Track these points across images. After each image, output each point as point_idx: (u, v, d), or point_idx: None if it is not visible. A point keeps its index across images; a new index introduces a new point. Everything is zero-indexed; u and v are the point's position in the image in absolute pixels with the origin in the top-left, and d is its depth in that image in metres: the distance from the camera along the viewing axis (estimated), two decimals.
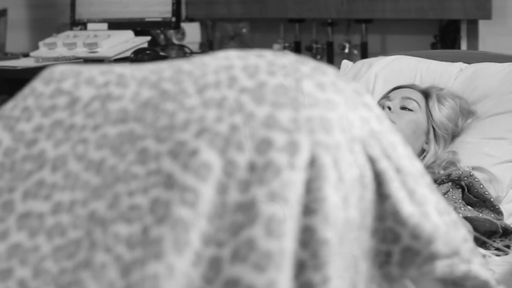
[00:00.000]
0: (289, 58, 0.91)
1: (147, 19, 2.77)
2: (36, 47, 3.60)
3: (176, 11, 2.74)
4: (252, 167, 0.79)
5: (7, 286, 0.82)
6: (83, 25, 2.89)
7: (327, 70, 0.91)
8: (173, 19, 2.73)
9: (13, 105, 0.96)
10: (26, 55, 2.96)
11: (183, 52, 2.81)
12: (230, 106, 0.83)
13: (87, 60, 2.56)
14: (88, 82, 0.94)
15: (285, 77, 0.87)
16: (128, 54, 2.58)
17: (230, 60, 0.90)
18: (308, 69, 0.89)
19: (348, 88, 0.90)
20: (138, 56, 2.49)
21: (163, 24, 2.76)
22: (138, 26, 2.76)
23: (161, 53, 2.57)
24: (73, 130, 0.90)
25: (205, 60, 0.91)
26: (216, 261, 0.77)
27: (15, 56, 2.95)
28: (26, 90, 0.98)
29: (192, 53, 2.88)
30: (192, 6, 3.43)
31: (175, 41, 3.11)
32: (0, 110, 0.97)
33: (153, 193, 0.80)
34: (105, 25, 2.81)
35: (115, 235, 0.79)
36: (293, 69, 0.88)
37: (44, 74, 0.98)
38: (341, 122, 0.85)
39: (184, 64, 0.91)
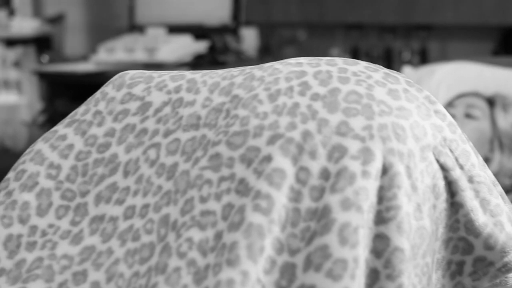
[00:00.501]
0: (360, 65, 0.91)
1: (205, 24, 2.78)
2: (93, 50, 3.65)
3: (235, 16, 2.74)
4: (325, 174, 0.79)
5: None
6: (141, 29, 2.91)
7: (399, 77, 0.90)
8: (232, 24, 2.74)
9: (85, 110, 0.97)
10: (84, 57, 3.00)
11: (240, 57, 2.82)
12: (303, 113, 0.83)
13: (147, 65, 2.58)
14: (159, 87, 0.94)
15: (357, 84, 0.86)
16: (187, 59, 2.59)
17: (302, 66, 0.89)
18: (380, 76, 0.89)
19: (420, 96, 0.89)
20: (197, 61, 2.50)
21: (222, 29, 2.77)
22: (197, 31, 2.77)
23: (220, 59, 2.58)
24: (145, 135, 0.91)
25: (276, 67, 0.91)
26: (289, 269, 0.76)
27: (73, 60, 2.98)
28: (97, 94, 0.99)
29: (249, 58, 2.88)
30: (250, 11, 3.44)
31: (232, 46, 3.12)
32: (72, 114, 0.99)
33: (226, 199, 0.80)
34: (163, 30, 2.83)
35: (188, 240, 0.79)
36: (365, 76, 0.88)
37: (115, 79, 0.99)
38: (414, 130, 0.84)
39: (255, 71, 0.91)
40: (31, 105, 3.19)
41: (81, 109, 0.98)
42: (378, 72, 0.90)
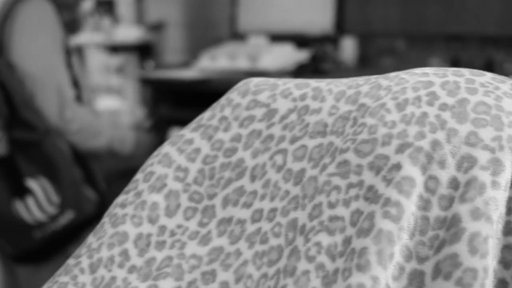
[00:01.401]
0: (487, 76, 0.91)
1: (307, 33, 2.80)
2: (194, 58, 3.72)
3: (337, 26, 2.75)
4: (454, 184, 0.80)
5: None
6: (243, 37, 2.95)
7: None
8: (334, 34, 2.75)
9: (211, 115, 1.00)
10: (185, 64, 3.06)
11: (339, 67, 2.83)
12: (431, 123, 0.84)
13: (249, 73, 2.61)
14: (284, 94, 0.96)
15: (485, 95, 0.87)
16: (289, 67, 2.62)
17: (428, 77, 0.90)
18: (508, 88, 0.89)
19: None
20: (299, 70, 2.53)
21: (323, 39, 2.78)
22: (299, 40, 2.80)
23: (322, 68, 2.59)
24: (271, 140, 0.93)
25: (402, 76, 0.92)
26: (417, 276, 0.77)
27: (175, 66, 3.05)
28: (223, 101, 1.01)
29: (348, 68, 2.89)
30: (349, 21, 3.44)
31: (332, 55, 3.13)
32: (197, 119, 1.02)
33: (354, 205, 0.81)
34: (265, 38, 2.86)
35: (317, 244, 0.81)
36: (493, 87, 0.88)
37: (240, 86, 1.02)
38: None
39: (381, 80, 0.92)
40: (133, 110, 3.27)
41: (207, 114, 1.01)
42: (505, 83, 0.90)
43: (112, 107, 3.28)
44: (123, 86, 3.45)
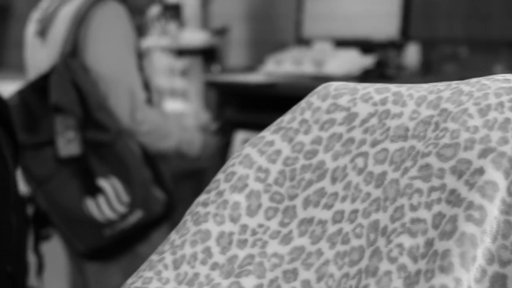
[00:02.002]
0: None
1: (373, 39, 2.81)
2: (260, 62, 3.75)
3: (403, 32, 2.76)
4: None
5: (293, 286, 0.88)
6: (308, 43, 2.97)
7: None
8: (400, 40, 2.75)
9: (291, 118, 1.03)
10: (249, 68, 3.09)
11: (403, 73, 2.83)
12: None
13: (315, 78, 2.63)
14: (364, 99, 0.98)
15: None
16: (354, 72, 2.63)
17: (510, 83, 0.91)
18: None
19: None
20: (365, 75, 2.54)
21: (389, 44, 2.79)
22: (364, 45, 2.81)
23: (388, 73, 2.60)
24: (352, 144, 0.95)
25: (483, 82, 0.93)
26: (500, 279, 0.78)
27: (239, 71, 3.08)
28: (303, 104, 1.04)
29: (412, 74, 2.89)
30: (413, 27, 3.44)
31: (396, 61, 3.13)
32: (278, 121, 1.04)
33: (436, 208, 0.83)
34: (330, 43, 2.88)
35: (399, 246, 0.82)
36: None
37: (320, 89, 1.04)
38: None
39: (462, 86, 0.94)
40: (197, 113, 3.31)
41: (287, 117, 1.03)
42: None
43: (177, 110, 3.33)
44: (187, 89, 3.50)
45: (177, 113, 3.30)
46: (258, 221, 0.95)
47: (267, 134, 1.02)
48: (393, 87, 0.98)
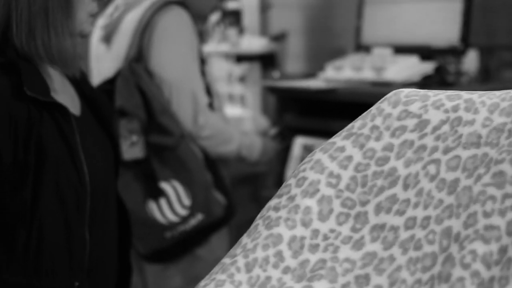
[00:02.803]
0: None
1: (432, 45, 2.80)
2: (313, 68, 3.75)
3: (463, 38, 2.74)
4: None
5: None
6: (367, 49, 2.97)
7: None
8: (460, 46, 2.74)
9: (362, 124, 1.04)
10: (308, 74, 3.09)
11: (462, 79, 2.81)
12: None
13: (375, 84, 2.63)
14: (436, 106, 0.99)
15: None
16: (414, 79, 2.62)
17: None
18: None
19: None
20: (426, 82, 2.53)
21: (448, 51, 2.77)
22: (423, 52, 2.79)
23: (447, 80, 2.59)
24: (423, 151, 0.95)
25: None
26: None
27: (298, 76, 3.09)
28: (373, 110, 1.04)
29: (471, 80, 2.87)
30: (473, 33, 3.41)
31: (454, 67, 3.11)
32: (348, 127, 1.05)
33: (510, 215, 0.83)
34: (390, 50, 2.88)
35: (472, 252, 0.83)
36: None
37: (390, 96, 1.05)
38: None
39: None
40: (256, 118, 3.34)
41: (357, 123, 1.04)
42: None
43: (236, 115, 3.36)
44: (246, 94, 3.52)
45: (236, 118, 3.32)
46: (330, 226, 0.96)
47: (338, 140, 1.03)
48: (465, 94, 0.99)
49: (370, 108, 1.06)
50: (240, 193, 3.32)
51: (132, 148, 2.18)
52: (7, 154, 1.50)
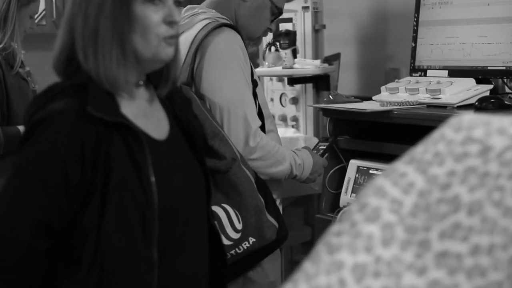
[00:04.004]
0: None
1: (488, 67, 2.77)
2: (366, 90, 3.75)
3: None
4: None
5: None
6: (422, 71, 2.96)
7: None
8: None
9: (424, 150, 1.03)
10: (362, 96, 3.08)
11: None
12: None
13: (431, 106, 2.62)
14: (499, 131, 0.98)
15: None
16: (470, 101, 2.60)
17: None
18: None
19: None
20: (483, 105, 2.51)
21: (505, 73, 2.75)
22: (480, 74, 2.77)
23: (505, 103, 2.56)
24: (488, 177, 0.94)
25: None
26: None
27: (352, 98, 3.08)
28: (436, 136, 1.04)
29: None
30: None
31: (507, 89, 3.08)
32: (410, 153, 1.05)
33: None
34: (445, 72, 2.86)
35: None
36: None
37: (452, 122, 1.04)
38: None
39: None
40: (308, 139, 3.34)
41: (419, 149, 1.04)
42: None
43: (288, 136, 3.37)
44: (299, 116, 3.53)
45: (289, 139, 3.33)
46: (393, 253, 0.95)
47: (400, 165, 1.03)
48: None
49: (432, 134, 1.05)
50: (292, 215, 3.32)
51: None
52: (75, 174, 1.52)
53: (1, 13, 2.68)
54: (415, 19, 2.99)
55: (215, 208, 2.19)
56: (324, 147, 2.76)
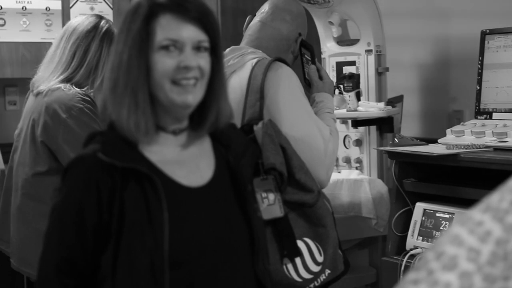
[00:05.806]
0: None
1: None
2: (429, 132, 3.74)
3: None
4: None
5: None
6: (488, 114, 2.95)
7: None
8: None
9: (500, 198, 1.04)
10: (427, 139, 3.08)
11: None
12: None
13: (497, 149, 2.61)
14: None
15: None
16: None
17: None
18: None
19: None
20: None
21: None
22: None
23: None
24: None
25: None
26: None
27: (417, 141, 3.08)
28: (511, 183, 1.05)
29: None
30: None
31: None
32: (486, 201, 1.06)
33: None
34: (511, 115, 2.84)
35: None
36: None
37: None
38: None
39: None
40: (373, 182, 3.34)
41: (495, 197, 1.05)
42: None
43: (353, 178, 3.37)
44: (362, 158, 3.53)
45: (353, 181, 3.33)
46: None
47: (476, 213, 1.04)
48: None
49: (507, 181, 1.06)
50: (357, 257, 3.31)
51: (270, 207, 2.18)
52: (92, 216, 1.59)
53: (92, 61, 2.74)
54: (480, 62, 2.99)
55: (299, 242, 2.20)
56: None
